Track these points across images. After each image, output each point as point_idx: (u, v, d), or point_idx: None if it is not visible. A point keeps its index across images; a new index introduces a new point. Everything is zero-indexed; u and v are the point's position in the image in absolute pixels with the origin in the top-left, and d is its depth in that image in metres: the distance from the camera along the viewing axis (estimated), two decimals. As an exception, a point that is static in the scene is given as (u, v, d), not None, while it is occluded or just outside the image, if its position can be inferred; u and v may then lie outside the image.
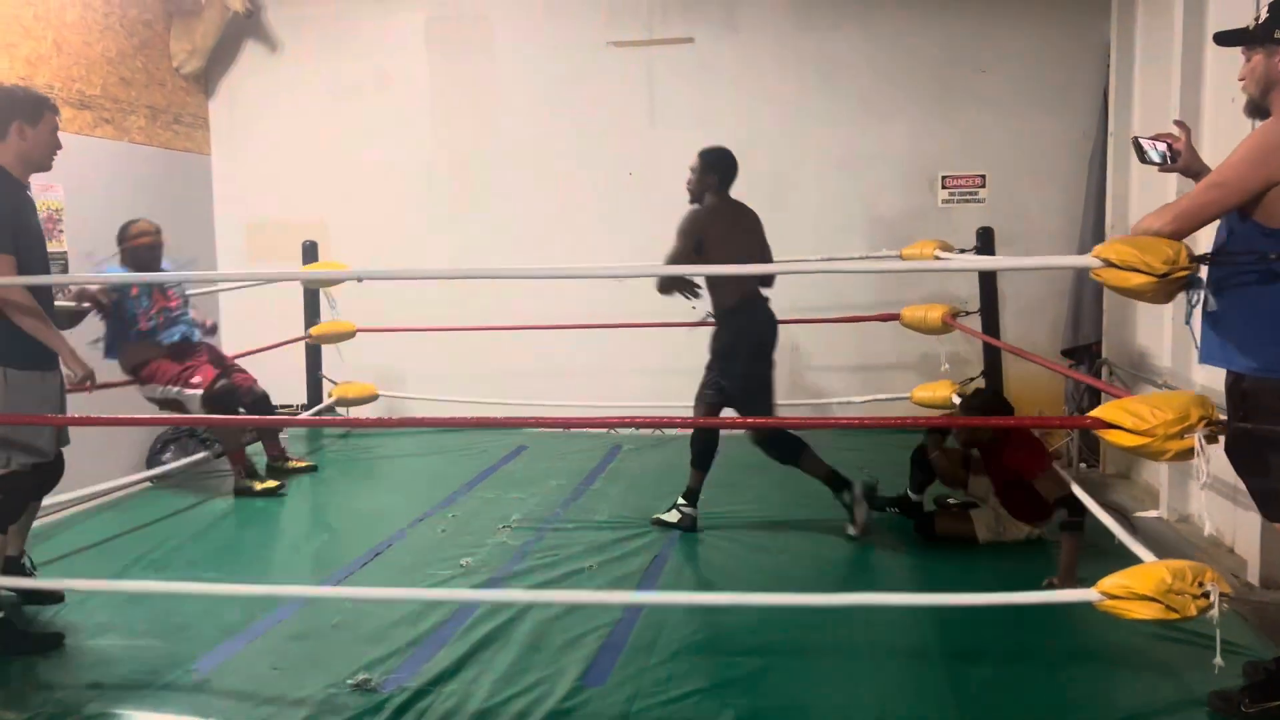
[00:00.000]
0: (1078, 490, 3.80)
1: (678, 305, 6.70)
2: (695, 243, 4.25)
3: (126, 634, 3.31)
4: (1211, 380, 4.16)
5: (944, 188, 6.99)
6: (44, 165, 3.42)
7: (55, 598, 3.56)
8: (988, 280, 6.06)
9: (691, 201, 4.47)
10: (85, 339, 4.45)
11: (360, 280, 5.51)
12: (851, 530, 4.19)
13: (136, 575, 3.88)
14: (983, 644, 3.15)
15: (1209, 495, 2.59)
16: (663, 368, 6.90)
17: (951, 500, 4.43)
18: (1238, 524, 4.53)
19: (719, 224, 4.34)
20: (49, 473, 3.53)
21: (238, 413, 4.99)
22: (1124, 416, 2.48)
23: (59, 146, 3.43)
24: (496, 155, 7.35)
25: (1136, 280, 2.49)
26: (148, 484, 5.44)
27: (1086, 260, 2.60)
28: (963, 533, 4.08)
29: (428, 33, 7.39)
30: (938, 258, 5.26)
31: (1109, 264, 2.51)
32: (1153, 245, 2.48)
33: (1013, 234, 6.32)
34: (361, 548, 4.20)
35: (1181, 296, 2.66)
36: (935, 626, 3.26)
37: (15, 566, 3.52)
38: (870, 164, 7.02)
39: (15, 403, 3.27)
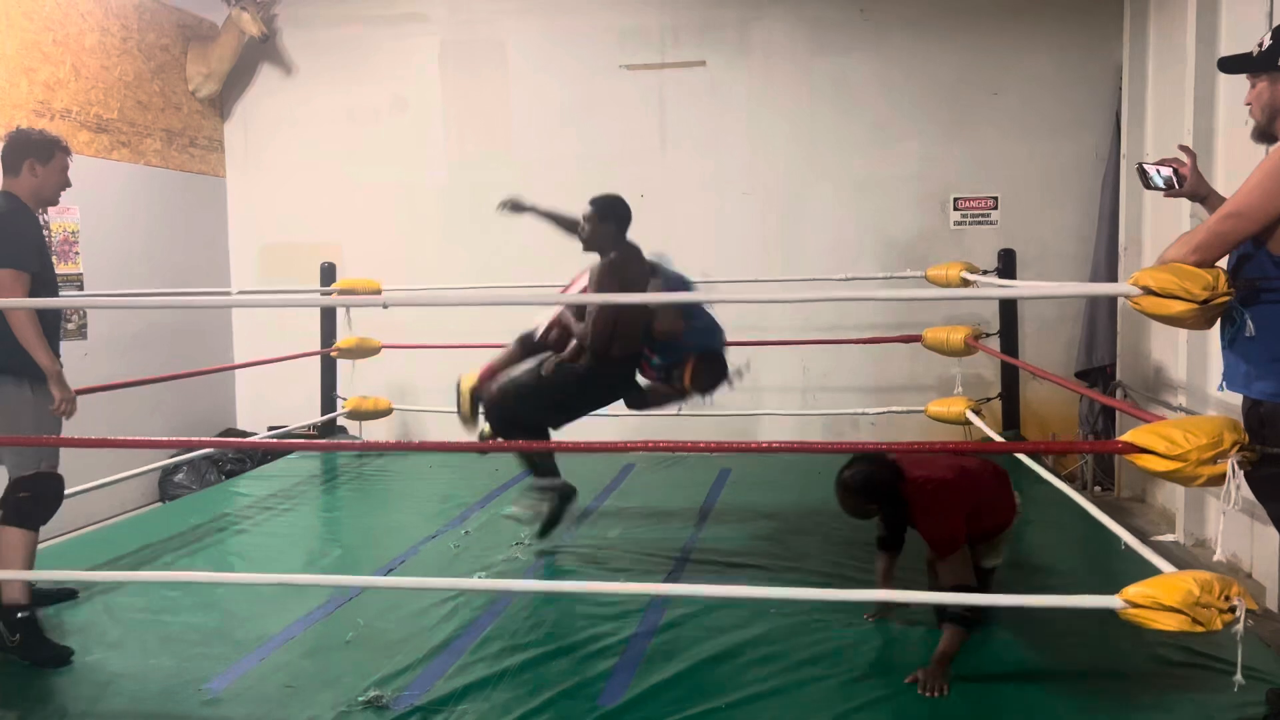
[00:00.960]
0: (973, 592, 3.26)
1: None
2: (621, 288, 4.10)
3: (137, 652, 3.30)
4: (1228, 403, 4.14)
5: (956, 209, 7.00)
6: (52, 200, 3.68)
7: (69, 595, 3.68)
8: (1009, 303, 6.06)
9: (587, 249, 4.39)
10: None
11: (386, 307, 5.59)
12: (513, 509, 4.28)
13: (142, 593, 3.85)
14: (992, 658, 3.12)
15: (1222, 519, 2.55)
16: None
17: None
18: (1255, 549, 4.49)
19: (640, 270, 4.26)
20: (44, 492, 3.49)
21: None
22: (1156, 441, 2.46)
23: (67, 184, 3.66)
24: (510, 177, 7.36)
25: (1177, 308, 2.47)
26: (156, 502, 5.44)
27: (1125, 288, 2.58)
28: None
29: (442, 56, 7.45)
30: (964, 280, 5.25)
31: (1149, 291, 2.49)
32: (1192, 272, 2.47)
33: (1025, 256, 6.31)
34: (375, 564, 4.19)
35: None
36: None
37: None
38: (883, 186, 7.03)
39: (40, 415, 3.41)
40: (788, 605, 3.47)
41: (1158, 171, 2.80)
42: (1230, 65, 2.69)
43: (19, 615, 3.27)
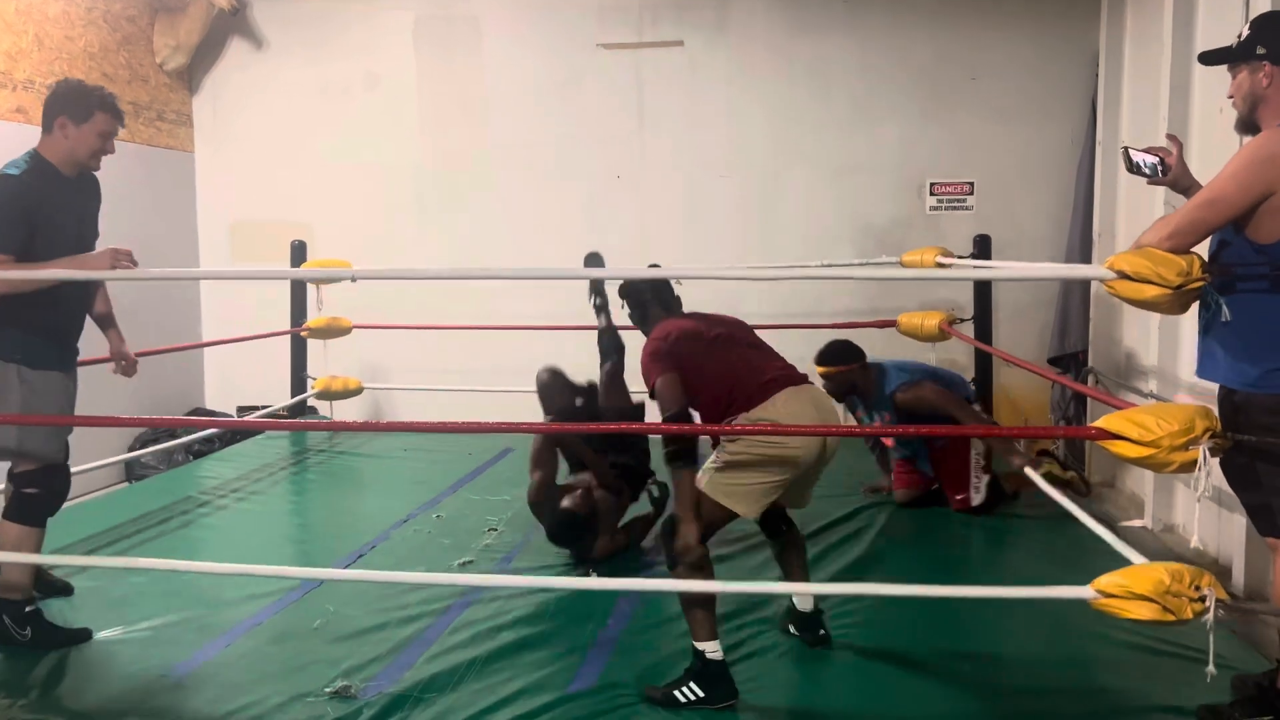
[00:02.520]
0: None
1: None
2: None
3: (102, 637, 3.25)
4: (1199, 389, 4.16)
5: (932, 194, 6.99)
6: (90, 165, 3.32)
7: (63, 590, 3.56)
8: (983, 288, 6.07)
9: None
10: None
11: (354, 280, 5.47)
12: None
13: (107, 576, 3.78)
14: (965, 647, 3.13)
15: (1198, 506, 2.57)
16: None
17: None
18: (1221, 535, 4.53)
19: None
20: (54, 486, 3.37)
21: None
22: (1129, 427, 2.46)
23: (106, 150, 3.31)
24: (484, 156, 7.30)
25: (1151, 292, 2.48)
26: (123, 482, 5.37)
27: (1099, 271, 2.59)
28: None
29: (416, 32, 7.33)
30: (939, 264, 5.25)
31: (1123, 276, 2.50)
32: (1166, 258, 2.48)
33: (1001, 241, 6.32)
34: (344, 549, 4.15)
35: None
36: (924, 627, 3.24)
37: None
38: (860, 170, 7.01)
39: (33, 403, 3.19)
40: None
41: (1143, 159, 2.80)
42: (1211, 58, 2.71)
43: (26, 610, 3.20)
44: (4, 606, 3.18)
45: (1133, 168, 2.82)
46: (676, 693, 2.75)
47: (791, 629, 3.21)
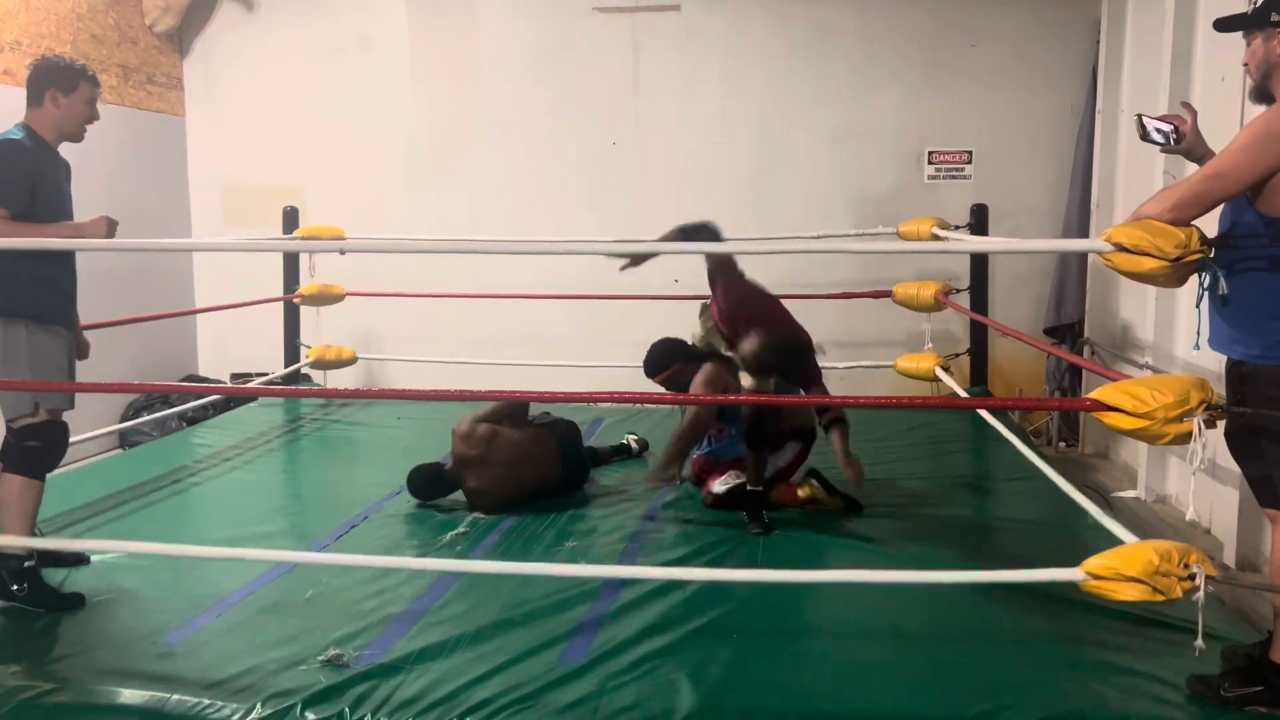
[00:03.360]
0: None
1: (659, 279, 6.63)
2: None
3: (93, 606, 3.24)
4: (1198, 362, 4.15)
5: (930, 163, 6.94)
6: (76, 136, 3.47)
7: (77, 560, 3.56)
8: (979, 259, 6.05)
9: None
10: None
11: (343, 253, 5.43)
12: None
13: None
14: (957, 626, 3.14)
15: (1193, 479, 2.56)
16: (644, 340, 6.84)
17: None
18: (1214, 506, 4.54)
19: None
20: (54, 439, 3.45)
21: None
22: (1123, 399, 2.45)
23: (93, 118, 3.47)
24: (478, 121, 7.23)
25: (1148, 265, 2.45)
26: (117, 449, 5.35)
27: (1097, 244, 2.57)
28: None
29: (409, -6, 7.23)
30: (935, 236, 5.21)
31: (1120, 248, 2.47)
32: (1165, 229, 2.45)
33: (999, 211, 6.28)
34: (338, 519, 4.14)
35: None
36: (910, 606, 3.24)
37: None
38: (857, 138, 6.95)
39: (35, 357, 3.30)
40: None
41: (1157, 127, 2.76)
42: (1226, 24, 2.67)
43: (25, 564, 3.23)
44: (3, 561, 3.22)
45: (1146, 135, 2.78)
46: None
47: None
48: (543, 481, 4.37)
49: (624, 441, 5.23)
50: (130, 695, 2.68)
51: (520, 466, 4.27)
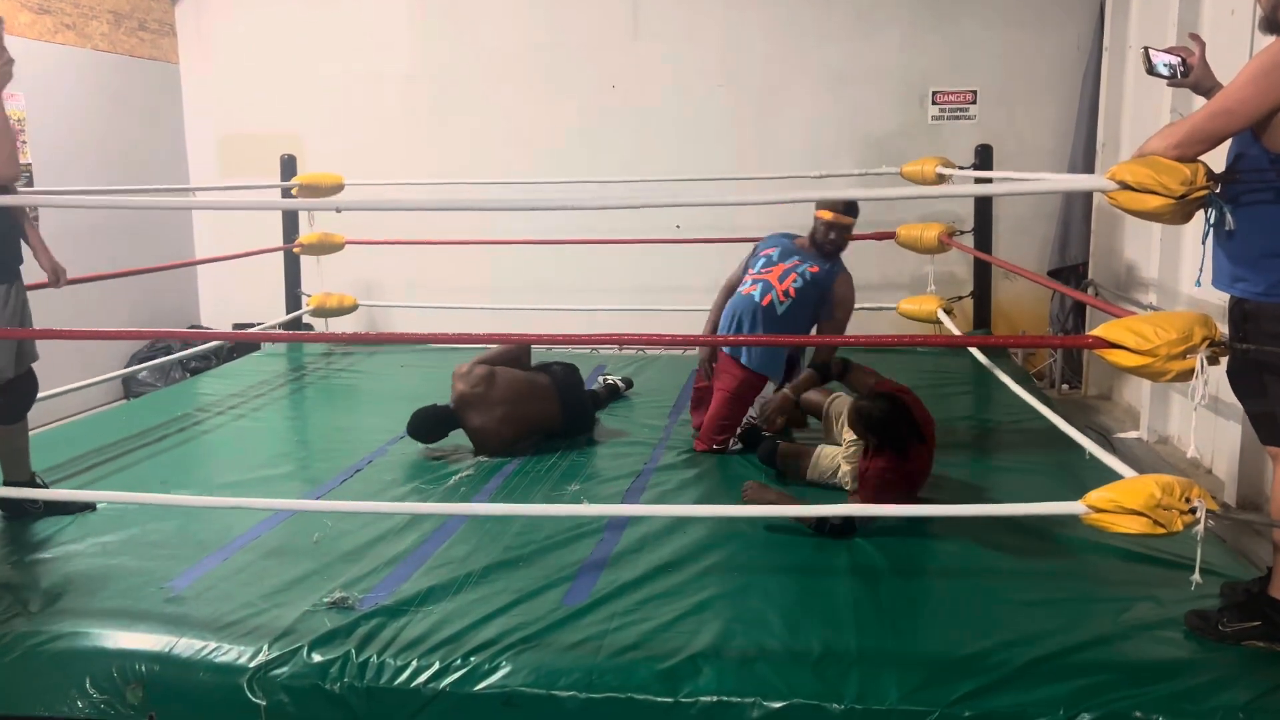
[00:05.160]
0: None
1: (659, 223, 6.59)
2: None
3: (99, 552, 3.27)
4: (1202, 298, 4.13)
5: (934, 104, 6.85)
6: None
7: (83, 507, 3.63)
8: (984, 201, 5.99)
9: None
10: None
11: (339, 211, 5.41)
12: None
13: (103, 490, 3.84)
14: (959, 560, 3.16)
15: (1194, 415, 2.55)
16: (647, 285, 6.84)
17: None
18: (1216, 445, 4.54)
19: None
20: (21, 390, 3.52)
21: None
22: (1127, 336, 2.43)
23: (9, 60, 3.29)
24: (476, 66, 7.14)
25: (1154, 203, 2.42)
26: (121, 399, 5.36)
27: (1101, 182, 2.53)
28: (797, 466, 3.93)
29: (403, -65, 7.10)
30: (940, 176, 5.15)
31: (1125, 186, 2.44)
32: (1169, 166, 2.42)
33: (1004, 152, 6.21)
34: (342, 465, 4.16)
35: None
36: (910, 544, 3.26)
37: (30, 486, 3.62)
38: (860, 79, 6.85)
39: (11, 315, 3.33)
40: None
41: (1163, 59, 2.70)
42: None
43: (36, 483, 3.56)
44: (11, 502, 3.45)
45: (1152, 69, 2.72)
46: None
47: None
48: (544, 420, 4.41)
49: (610, 383, 5.26)
50: (138, 639, 2.70)
51: (520, 405, 4.32)
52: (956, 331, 5.49)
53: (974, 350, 5.20)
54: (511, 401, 4.30)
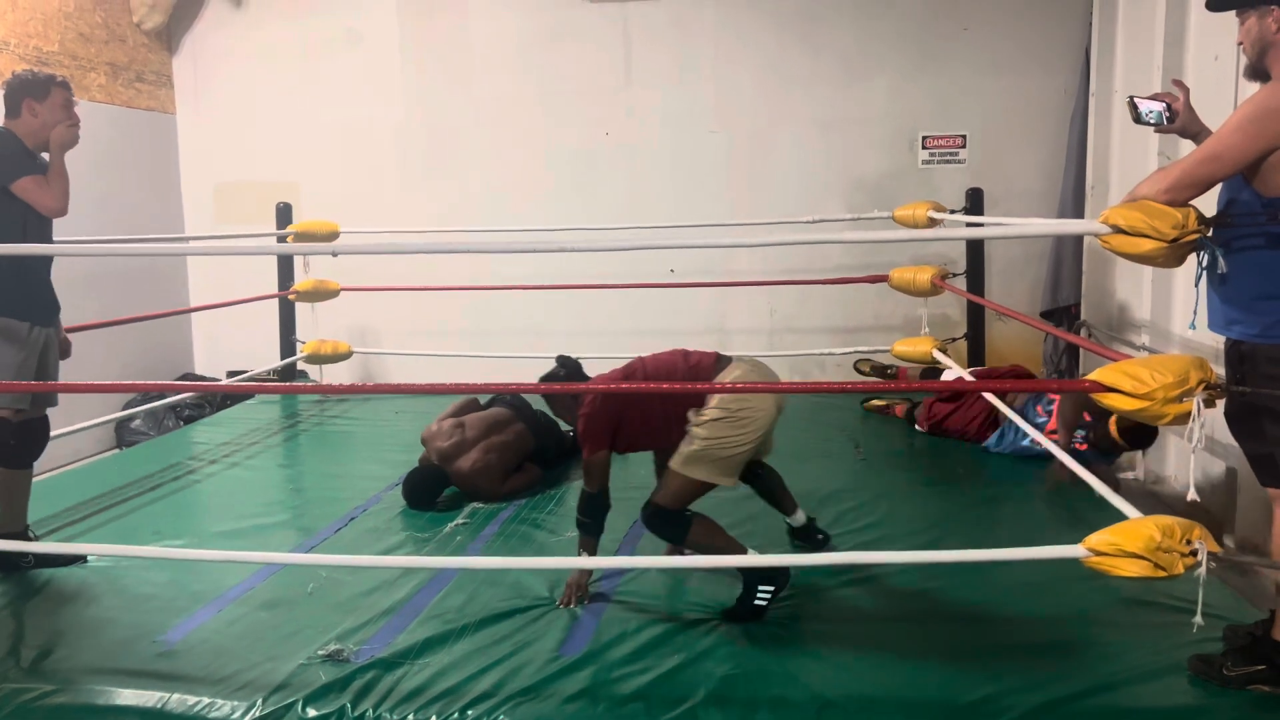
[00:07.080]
0: None
1: (653, 267, 6.58)
2: None
3: (91, 605, 3.23)
4: (1196, 340, 4.14)
5: (924, 148, 6.92)
6: (63, 139, 3.54)
7: (73, 559, 3.63)
8: (975, 243, 6.03)
9: None
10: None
11: (335, 255, 5.42)
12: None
13: (99, 542, 3.81)
14: (958, 607, 3.13)
15: (1193, 458, 2.55)
16: (642, 328, 6.85)
17: None
18: (1213, 486, 4.53)
19: None
20: (34, 433, 3.59)
21: None
22: (1123, 380, 2.44)
23: (74, 121, 3.58)
24: (470, 114, 7.20)
25: (1147, 246, 2.44)
26: (113, 448, 5.34)
27: (1094, 226, 2.56)
28: None
29: (398, -13, 7.20)
30: (931, 219, 5.19)
31: (1118, 230, 2.46)
32: (1161, 210, 2.44)
33: (993, 195, 6.26)
34: (336, 513, 4.13)
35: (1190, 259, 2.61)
36: (911, 588, 3.24)
37: (22, 539, 3.61)
38: (850, 124, 6.93)
39: (24, 356, 3.42)
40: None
41: (1149, 107, 2.74)
42: (1219, 3, 2.64)
43: (29, 537, 3.56)
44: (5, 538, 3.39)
45: (1139, 118, 2.76)
46: (755, 603, 3.02)
47: (796, 542, 3.65)
48: (520, 440, 4.57)
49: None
50: (130, 695, 2.67)
51: (495, 434, 4.50)
52: (956, 368, 5.50)
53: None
54: (487, 433, 4.48)
